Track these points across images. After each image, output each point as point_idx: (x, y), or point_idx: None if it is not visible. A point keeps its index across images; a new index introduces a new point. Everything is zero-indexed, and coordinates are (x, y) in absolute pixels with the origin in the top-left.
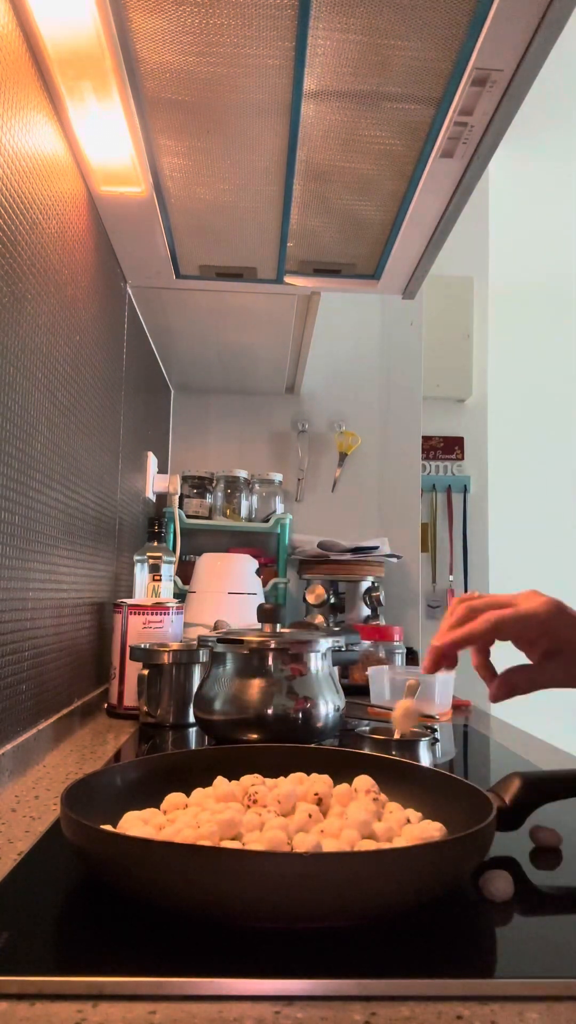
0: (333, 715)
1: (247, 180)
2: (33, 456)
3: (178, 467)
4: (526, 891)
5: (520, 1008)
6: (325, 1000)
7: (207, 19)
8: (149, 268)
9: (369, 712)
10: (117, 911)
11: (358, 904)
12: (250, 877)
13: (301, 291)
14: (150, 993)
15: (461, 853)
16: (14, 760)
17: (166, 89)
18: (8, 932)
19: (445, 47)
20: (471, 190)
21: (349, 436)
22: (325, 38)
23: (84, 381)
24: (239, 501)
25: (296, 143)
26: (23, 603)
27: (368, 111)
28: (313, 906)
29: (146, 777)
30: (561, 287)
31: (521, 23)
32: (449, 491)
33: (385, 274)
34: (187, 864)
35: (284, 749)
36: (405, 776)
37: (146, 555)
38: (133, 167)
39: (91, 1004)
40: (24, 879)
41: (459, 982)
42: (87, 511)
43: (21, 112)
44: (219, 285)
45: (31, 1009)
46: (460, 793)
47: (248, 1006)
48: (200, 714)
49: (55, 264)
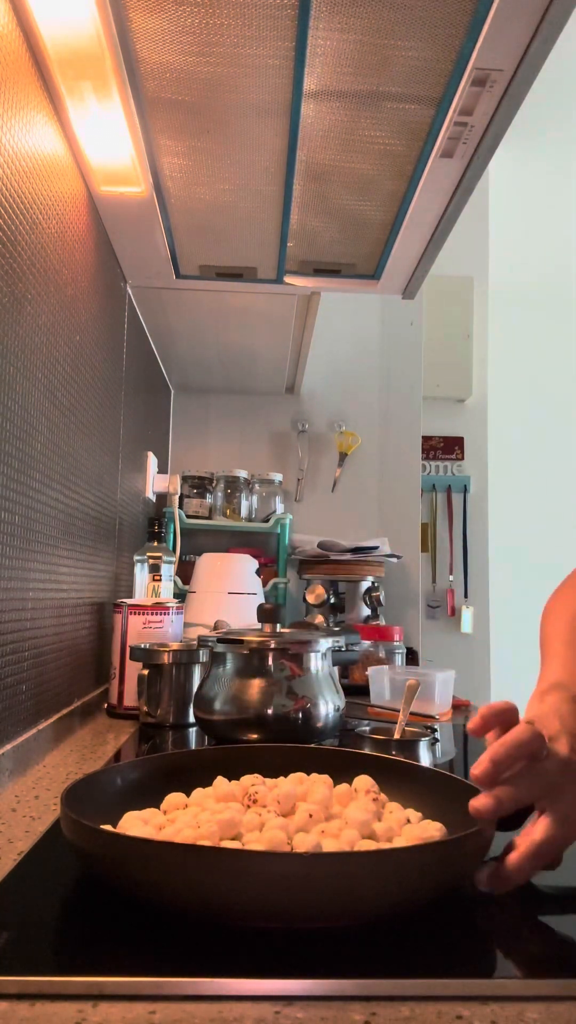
0: (333, 715)
1: (247, 180)
2: (33, 456)
3: (178, 467)
4: (526, 891)
5: (520, 1008)
6: (325, 1000)
7: (207, 19)
8: (149, 268)
9: (369, 712)
10: (117, 911)
11: (358, 904)
12: (250, 877)
13: (301, 291)
14: (150, 993)
15: (461, 853)
16: (14, 760)
17: (166, 89)
18: (8, 932)
19: (445, 47)
20: (471, 190)
21: (349, 436)
22: (325, 38)
23: (84, 381)
24: (239, 501)
25: (296, 143)
26: (23, 603)
27: (368, 111)
28: (313, 906)
29: (146, 777)
30: (561, 287)
31: (521, 23)
32: (449, 491)
33: (385, 274)
34: (187, 864)
35: (284, 749)
36: (405, 776)
37: (146, 555)
38: (133, 167)
39: (91, 1004)
40: (24, 879)
41: (459, 982)
42: (87, 511)
43: (21, 112)
44: (219, 285)
45: (31, 1009)
46: (460, 793)
47: (248, 1006)
48: (200, 714)
49: (55, 264)
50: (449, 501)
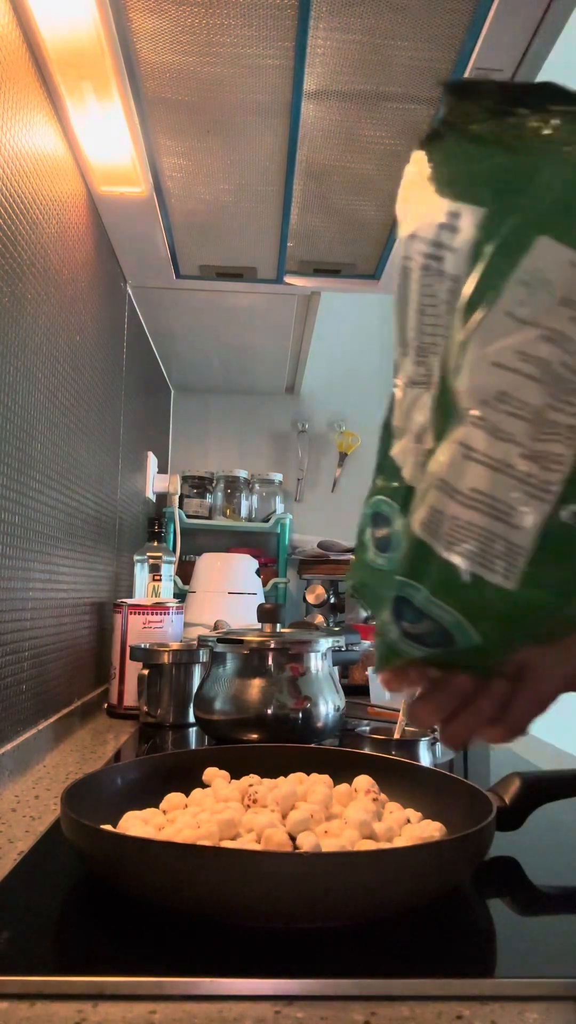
0: (333, 715)
1: (247, 180)
2: (33, 456)
3: (178, 467)
4: (526, 891)
5: (520, 1008)
6: (325, 1000)
7: (207, 19)
8: (149, 268)
9: (369, 712)
10: (117, 911)
11: (358, 904)
12: (250, 877)
13: (301, 291)
14: (150, 993)
15: (461, 853)
16: (14, 760)
17: (166, 89)
18: (8, 932)
19: (445, 47)
20: None
21: (349, 436)
22: (325, 38)
23: (84, 381)
24: (239, 501)
25: (296, 143)
26: (23, 603)
27: (368, 111)
28: (313, 906)
29: (146, 777)
30: None
31: (521, 23)
32: None
33: (385, 274)
34: (187, 864)
35: (284, 749)
36: (405, 776)
37: (146, 555)
38: (133, 167)
39: (91, 1004)
40: (24, 879)
41: (459, 982)
42: (87, 511)
43: (21, 112)
44: (219, 285)
45: (31, 1009)
46: (460, 793)
47: (248, 1006)
48: (200, 714)
49: (55, 264)
50: None
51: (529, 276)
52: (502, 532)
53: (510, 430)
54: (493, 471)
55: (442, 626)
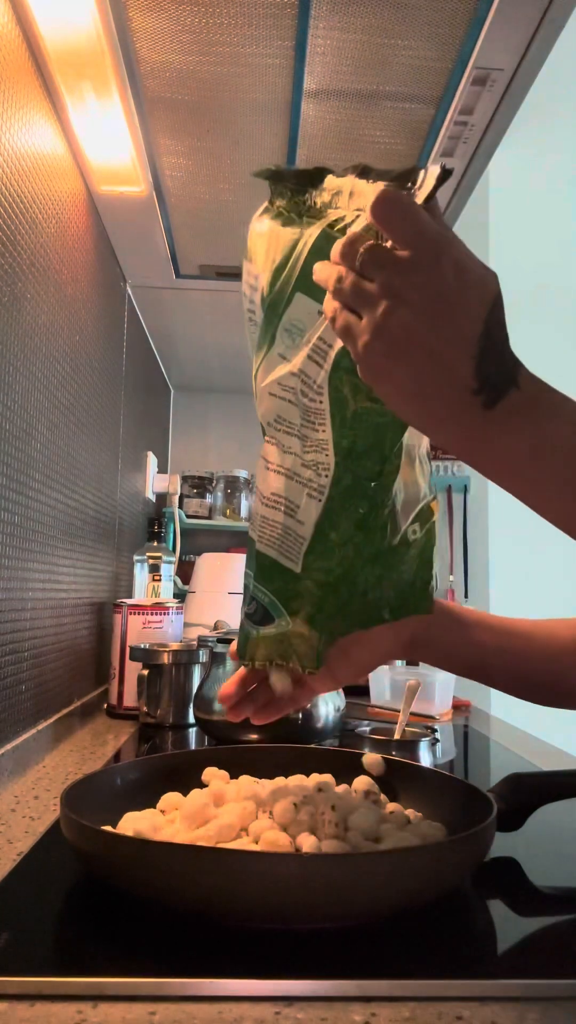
0: (333, 715)
1: (247, 180)
2: (32, 456)
3: (178, 467)
4: (526, 891)
5: (520, 1008)
6: (325, 1000)
7: (207, 18)
8: (149, 268)
9: (369, 712)
10: (117, 911)
11: (358, 905)
12: (250, 877)
13: None
14: (150, 993)
15: (461, 853)
16: (14, 760)
17: (166, 89)
18: (8, 932)
19: (445, 47)
20: (471, 190)
21: None
22: (325, 37)
23: (84, 381)
24: (239, 501)
25: (296, 143)
26: (23, 603)
27: (368, 111)
28: (313, 907)
29: (146, 777)
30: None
31: (521, 23)
32: (449, 491)
33: None
34: (187, 864)
35: (284, 749)
36: (405, 776)
37: (146, 555)
38: (133, 167)
39: (91, 1004)
40: (24, 879)
41: (459, 982)
42: (87, 511)
43: (21, 112)
44: (219, 285)
45: (31, 1009)
46: (460, 793)
47: (248, 1006)
48: (200, 714)
49: (55, 264)
50: (449, 501)
51: (290, 324)
52: (292, 526)
53: (288, 444)
54: (286, 478)
55: (263, 606)
